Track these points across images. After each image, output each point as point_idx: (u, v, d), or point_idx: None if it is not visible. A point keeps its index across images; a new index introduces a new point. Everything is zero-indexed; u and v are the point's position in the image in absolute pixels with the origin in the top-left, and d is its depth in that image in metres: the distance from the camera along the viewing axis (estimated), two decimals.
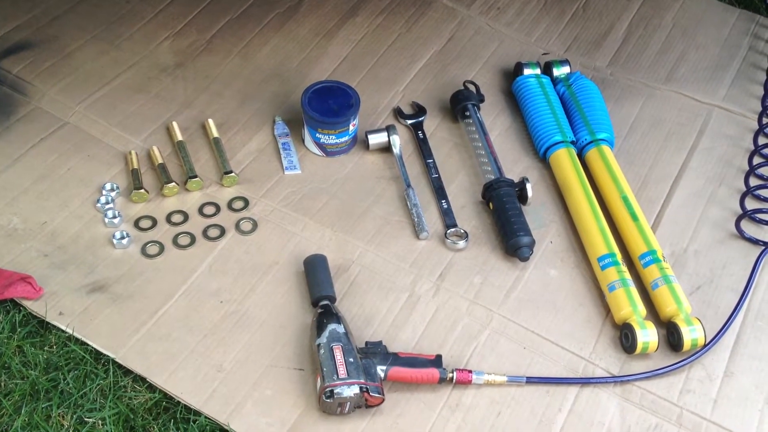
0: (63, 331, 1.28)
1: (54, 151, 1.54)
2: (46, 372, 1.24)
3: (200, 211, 1.47)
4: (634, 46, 1.85)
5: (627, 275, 1.36)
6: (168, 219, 1.45)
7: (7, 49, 1.73)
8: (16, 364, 1.25)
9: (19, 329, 1.28)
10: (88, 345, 1.26)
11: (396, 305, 1.35)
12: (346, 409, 1.20)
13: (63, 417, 1.20)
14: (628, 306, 1.32)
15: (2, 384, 1.23)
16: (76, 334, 1.27)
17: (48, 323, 1.29)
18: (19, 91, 1.64)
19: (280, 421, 1.20)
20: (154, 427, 1.19)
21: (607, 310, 1.36)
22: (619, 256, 1.38)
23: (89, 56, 1.73)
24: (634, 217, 1.44)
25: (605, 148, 1.56)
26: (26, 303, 1.30)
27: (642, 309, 1.32)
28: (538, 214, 1.50)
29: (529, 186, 1.49)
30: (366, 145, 1.59)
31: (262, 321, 1.32)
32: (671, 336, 1.32)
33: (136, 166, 1.51)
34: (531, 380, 1.26)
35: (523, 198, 1.49)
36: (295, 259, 1.40)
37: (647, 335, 1.28)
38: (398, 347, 1.29)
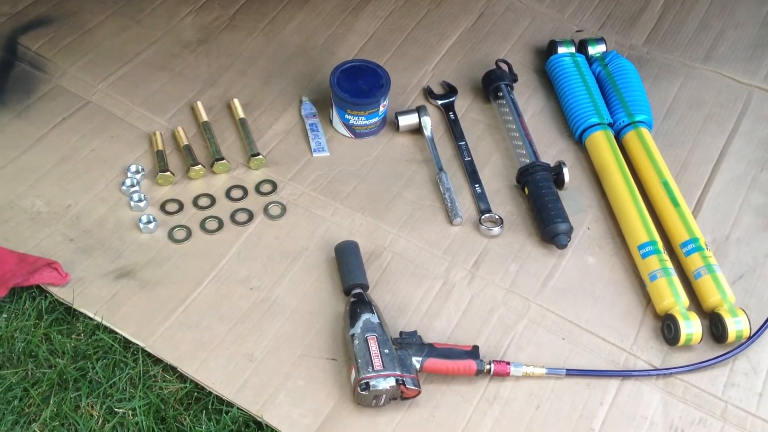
0: (91, 318, 1.25)
1: (76, 131, 1.50)
2: (74, 361, 1.21)
3: (227, 194, 1.43)
4: (671, 24, 1.79)
5: (669, 264, 1.32)
6: (195, 202, 1.41)
7: (25, 25, 1.68)
8: (43, 352, 1.22)
9: (45, 316, 1.25)
10: (116, 333, 1.23)
11: (430, 294, 1.32)
12: (382, 401, 1.17)
13: (92, 407, 1.17)
14: (671, 296, 1.28)
15: (29, 373, 1.20)
16: (104, 323, 1.24)
17: (75, 310, 1.26)
18: (39, 69, 1.60)
19: (314, 412, 1.17)
20: (185, 418, 1.16)
21: (647, 299, 1.32)
22: (660, 244, 1.34)
23: (110, 32, 1.69)
24: (675, 203, 1.40)
25: (644, 130, 1.51)
26: (52, 289, 1.27)
27: (685, 299, 1.28)
28: (575, 199, 1.45)
29: (566, 170, 1.44)
30: (395, 126, 1.55)
31: (293, 309, 1.29)
32: (715, 327, 1.27)
33: (161, 148, 1.47)
34: (571, 372, 1.22)
35: (559, 182, 1.44)
36: (325, 244, 1.37)
37: (691, 327, 1.24)
38: (433, 337, 1.25)
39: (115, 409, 1.17)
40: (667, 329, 1.27)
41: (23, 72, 1.59)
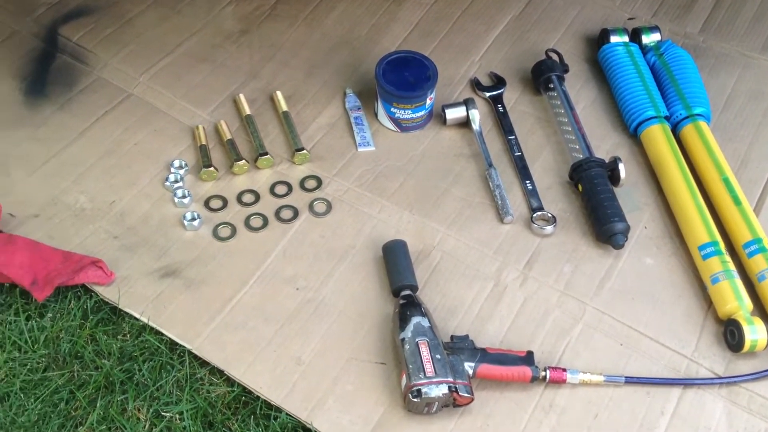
0: (136, 318, 1.23)
1: (119, 124, 1.48)
2: (121, 362, 1.19)
3: (272, 190, 1.40)
4: (728, 11, 1.72)
5: (731, 266, 1.26)
6: (239, 199, 1.38)
7: (65, 15, 1.66)
8: (89, 353, 1.20)
9: (91, 316, 1.23)
10: (162, 334, 1.21)
11: (481, 295, 1.28)
12: (434, 408, 1.13)
13: (139, 410, 1.15)
14: (734, 300, 1.22)
15: (76, 375, 1.18)
16: (151, 323, 1.21)
17: (121, 310, 1.24)
18: (80, 60, 1.58)
19: (363, 419, 1.14)
20: (233, 423, 1.14)
21: (708, 303, 1.27)
22: (722, 245, 1.28)
23: (150, 22, 1.66)
24: (737, 201, 1.34)
25: (702, 124, 1.45)
26: (98, 289, 1.25)
27: (749, 303, 1.23)
28: (631, 196, 1.40)
29: (621, 166, 1.38)
30: (442, 119, 1.50)
31: (340, 310, 1.25)
32: None
33: (204, 142, 1.44)
34: (630, 380, 1.18)
35: (614, 179, 1.39)
36: (372, 243, 1.33)
37: (755, 332, 1.19)
38: (485, 341, 1.21)
39: (162, 413, 1.15)
40: (731, 335, 1.22)
41: (64, 63, 1.57)
